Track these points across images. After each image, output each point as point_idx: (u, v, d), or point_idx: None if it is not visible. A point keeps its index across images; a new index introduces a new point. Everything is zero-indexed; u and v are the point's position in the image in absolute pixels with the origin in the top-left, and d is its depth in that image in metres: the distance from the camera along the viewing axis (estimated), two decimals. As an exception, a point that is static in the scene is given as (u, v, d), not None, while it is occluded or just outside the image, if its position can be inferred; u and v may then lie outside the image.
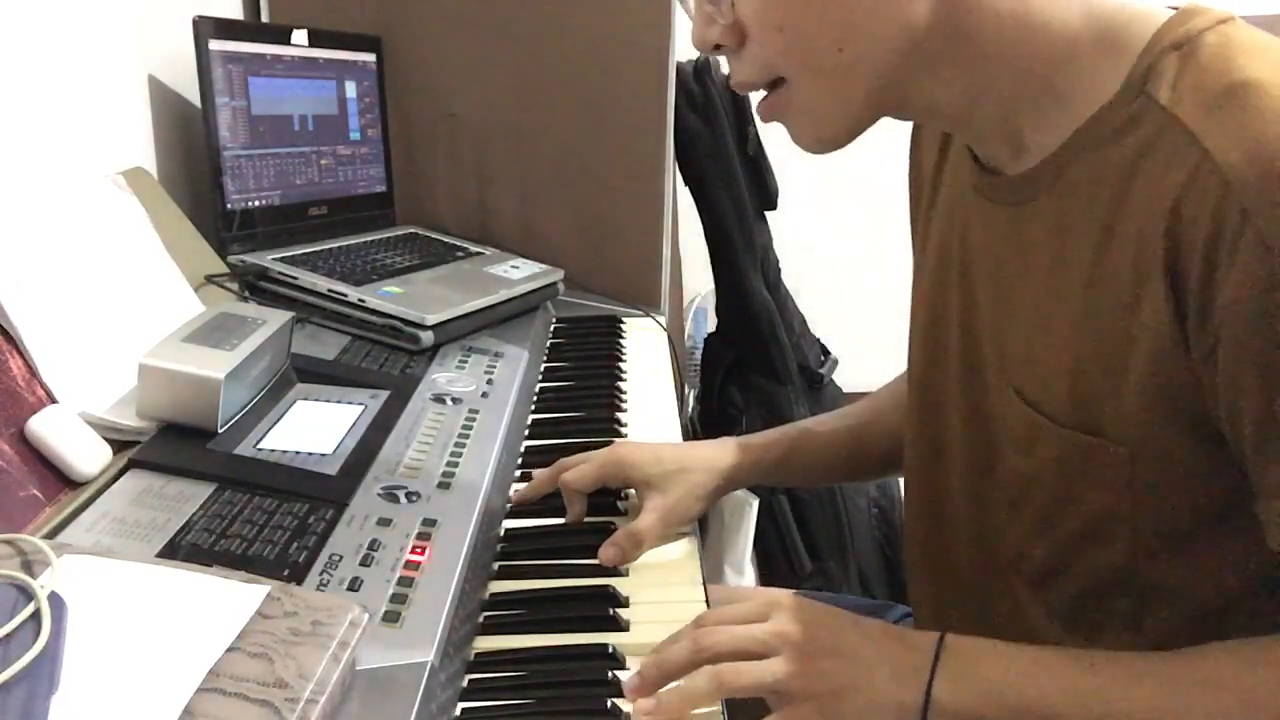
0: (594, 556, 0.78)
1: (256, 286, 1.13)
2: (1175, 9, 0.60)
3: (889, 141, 0.88)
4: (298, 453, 0.80)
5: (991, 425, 0.70)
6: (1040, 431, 0.65)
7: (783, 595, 0.74)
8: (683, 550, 0.84)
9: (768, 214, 1.75)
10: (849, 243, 2.69)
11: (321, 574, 0.66)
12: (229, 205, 1.16)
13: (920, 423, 0.80)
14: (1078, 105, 0.61)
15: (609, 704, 0.63)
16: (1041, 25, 0.60)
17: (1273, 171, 0.51)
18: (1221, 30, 0.58)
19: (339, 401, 0.90)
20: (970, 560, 0.76)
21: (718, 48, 0.65)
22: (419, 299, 1.11)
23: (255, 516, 0.70)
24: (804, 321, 1.79)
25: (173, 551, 0.65)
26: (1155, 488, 0.61)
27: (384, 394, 0.93)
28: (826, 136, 0.65)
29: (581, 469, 0.85)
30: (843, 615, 0.67)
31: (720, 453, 0.90)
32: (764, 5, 0.61)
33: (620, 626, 0.71)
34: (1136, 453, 0.60)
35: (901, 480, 0.86)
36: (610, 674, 0.65)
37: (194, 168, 1.22)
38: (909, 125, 0.80)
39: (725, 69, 1.68)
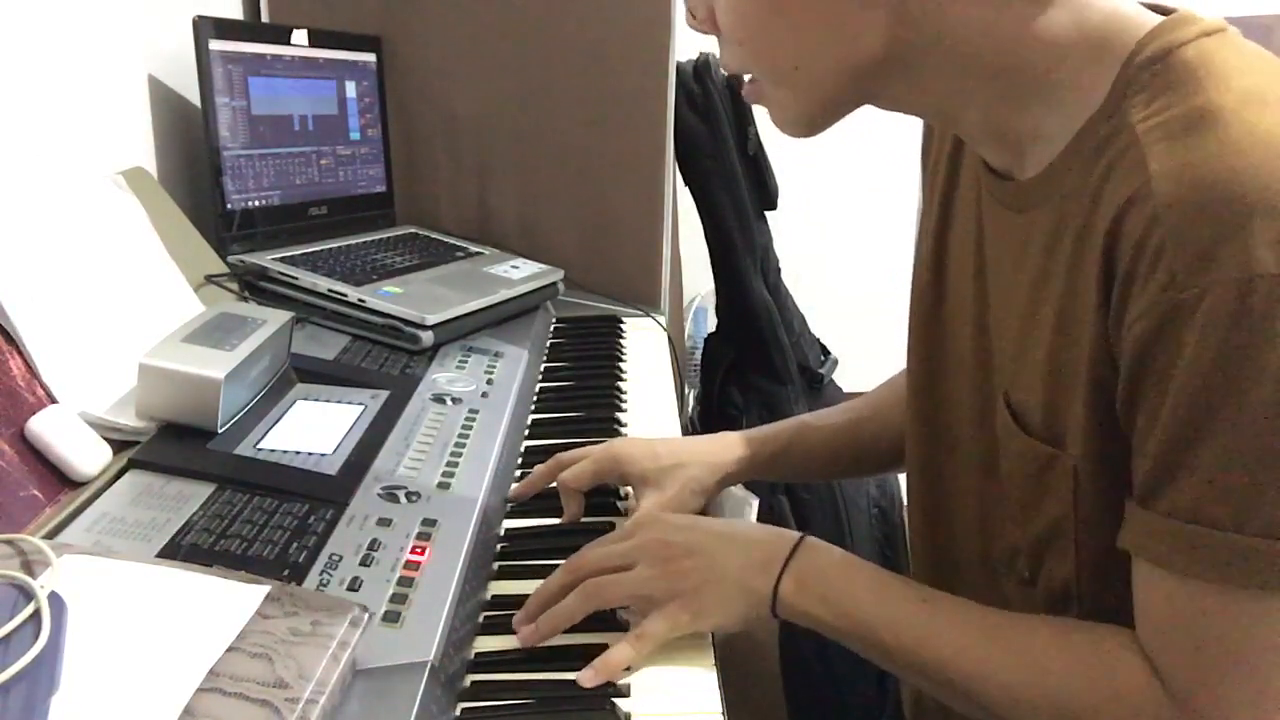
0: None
1: (256, 286, 1.13)
2: (1166, 11, 0.60)
3: (890, 141, 0.88)
4: (298, 453, 0.80)
5: (995, 424, 0.70)
6: (1012, 438, 0.66)
7: (647, 515, 0.78)
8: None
9: (768, 214, 1.75)
10: (849, 243, 2.69)
11: (321, 574, 0.66)
12: (229, 205, 1.16)
13: (924, 417, 0.79)
14: (1069, 114, 0.60)
15: (609, 704, 0.63)
16: (1023, 39, 0.59)
17: (1196, 207, 0.51)
18: (1201, 46, 0.56)
19: (339, 401, 0.90)
20: (972, 556, 0.76)
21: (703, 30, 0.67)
22: (419, 299, 1.11)
23: (255, 516, 0.70)
24: (804, 321, 1.79)
25: (173, 551, 0.65)
26: (1096, 502, 0.61)
27: (384, 394, 0.93)
28: (801, 126, 0.66)
29: (578, 468, 0.85)
30: (702, 520, 0.74)
31: (717, 447, 0.90)
32: (726, 20, 0.63)
33: (620, 626, 0.71)
34: (1080, 464, 0.61)
35: (903, 476, 0.86)
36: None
37: (194, 168, 1.22)
38: (912, 124, 0.80)
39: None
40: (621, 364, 1.20)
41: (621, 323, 1.34)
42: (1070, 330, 0.60)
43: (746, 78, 0.68)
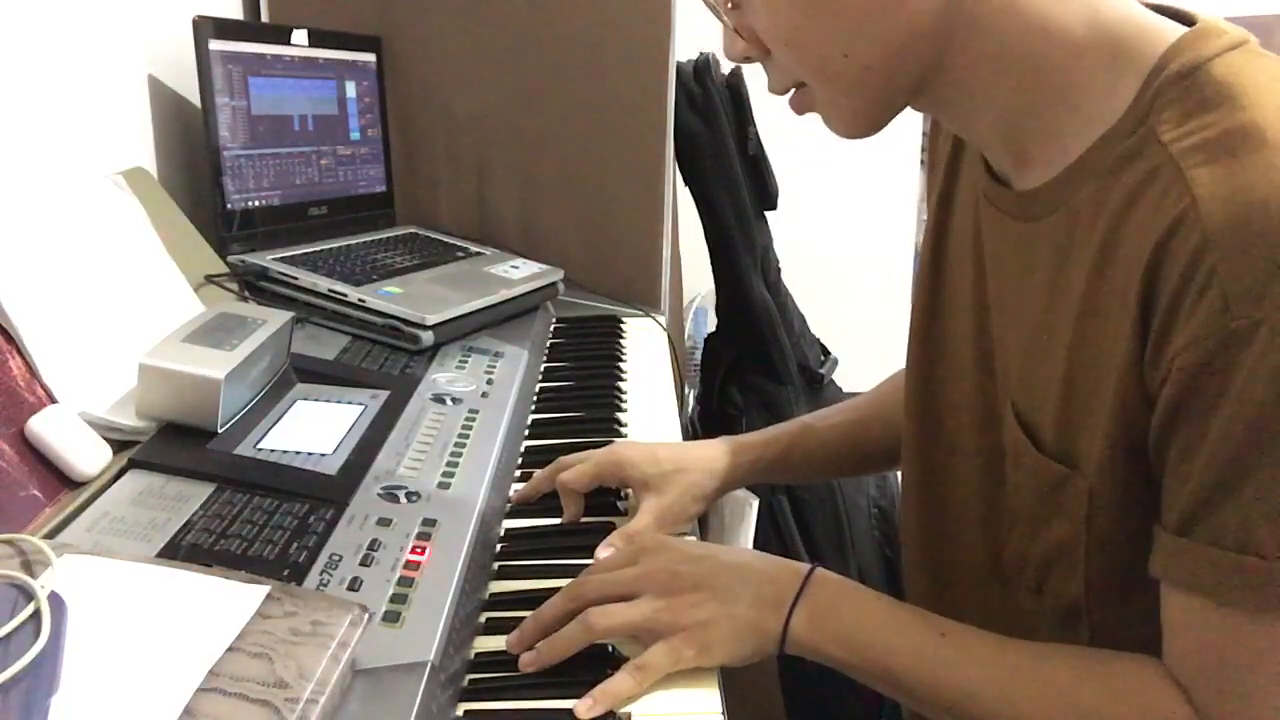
0: (593, 557, 0.78)
1: (256, 286, 1.13)
2: (1186, 18, 0.59)
3: (889, 142, 0.87)
4: (298, 453, 0.80)
5: (1001, 431, 0.70)
6: (1024, 453, 0.65)
7: (651, 539, 0.76)
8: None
9: (768, 214, 1.75)
10: (848, 243, 2.69)
11: (321, 574, 0.66)
12: (229, 205, 1.16)
13: (922, 418, 0.79)
14: (1084, 122, 0.59)
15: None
16: (1043, 29, 0.58)
17: (1249, 233, 0.51)
18: (1230, 60, 0.55)
19: (339, 401, 0.90)
20: (977, 564, 0.75)
21: (748, 58, 0.66)
22: (419, 299, 1.11)
23: (255, 516, 0.70)
24: (804, 321, 1.79)
25: (173, 551, 0.65)
26: (1108, 525, 0.61)
27: (384, 394, 0.93)
28: (856, 129, 0.66)
29: (578, 469, 0.85)
30: (710, 549, 0.72)
31: (718, 453, 0.89)
32: (769, 24, 0.62)
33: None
34: (1095, 486, 0.60)
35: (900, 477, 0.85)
36: (610, 674, 0.65)
37: (194, 168, 1.22)
38: (912, 124, 0.80)
39: (725, 69, 1.68)
40: (621, 364, 1.20)
41: (621, 323, 1.34)
42: (1091, 354, 0.59)
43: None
